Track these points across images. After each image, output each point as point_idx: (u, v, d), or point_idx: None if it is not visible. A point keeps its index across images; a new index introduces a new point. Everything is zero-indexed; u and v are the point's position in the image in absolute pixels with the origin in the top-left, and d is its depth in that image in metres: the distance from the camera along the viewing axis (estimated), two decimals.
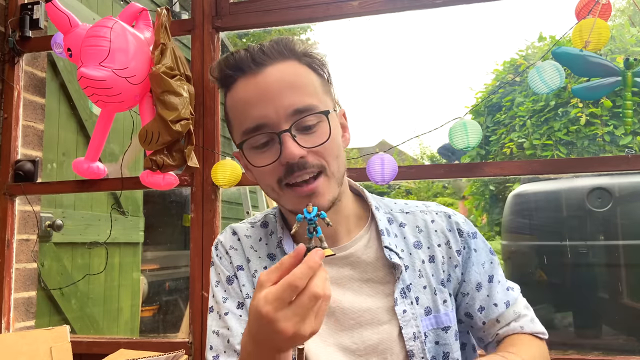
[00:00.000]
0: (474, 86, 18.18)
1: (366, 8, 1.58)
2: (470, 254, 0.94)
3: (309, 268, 0.63)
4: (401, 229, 0.95)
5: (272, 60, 0.84)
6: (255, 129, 0.82)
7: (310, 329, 0.63)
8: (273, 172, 0.83)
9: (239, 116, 0.85)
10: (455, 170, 1.60)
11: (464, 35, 31.78)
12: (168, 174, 1.59)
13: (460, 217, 0.97)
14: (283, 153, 0.80)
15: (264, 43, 0.86)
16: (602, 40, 1.31)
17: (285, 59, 0.85)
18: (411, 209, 0.98)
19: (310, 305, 0.63)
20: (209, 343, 0.94)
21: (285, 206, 0.88)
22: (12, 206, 1.86)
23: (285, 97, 0.81)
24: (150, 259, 4.87)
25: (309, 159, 0.82)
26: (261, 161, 0.83)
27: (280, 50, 0.85)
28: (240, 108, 0.84)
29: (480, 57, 24.60)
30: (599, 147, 4.54)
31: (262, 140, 0.83)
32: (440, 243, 0.93)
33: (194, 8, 1.76)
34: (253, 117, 0.82)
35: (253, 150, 0.85)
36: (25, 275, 1.91)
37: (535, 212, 3.64)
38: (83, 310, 2.82)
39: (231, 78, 0.86)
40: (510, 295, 0.96)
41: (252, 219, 1.04)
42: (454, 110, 17.34)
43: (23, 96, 1.92)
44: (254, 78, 0.83)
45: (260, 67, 0.83)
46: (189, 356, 1.63)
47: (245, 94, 0.83)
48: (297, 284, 0.62)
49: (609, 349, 3.32)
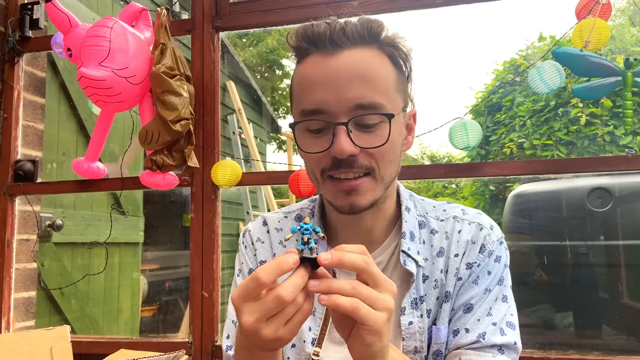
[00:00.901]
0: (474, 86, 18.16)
1: (366, 8, 1.58)
2: (480, 273, 0.84)
3: (277, 264, 0.60)
4: (431, 236, 0.88)
5: (351, 44, 0.78)
6: (312, 113, 0.78)
7: (272, 332, 0.61)
8: (320, 161, 0.80)
9: (300, 93, 0.81)
10: (455, 170, 1.60)
11: (464, 35, 31.78)
12: (168, 174, 1.59)
13: (494, 235, 0.87)
14: (333, 146, 0.76)
15: (350, 20, 0.80)
16: (602, 40, 1.31)
17: (366, 45, 0.79)
18: (447, 215, 0.90)
19: (273, 306, 0.60)
20: (227, 331, 0.92)
21: (325, 196, 0.85)
22: (12, 206, 1.86)
23: (352, 88, 0.76)
24: (150, 259, 4.87)
25: (360, 158, 0.77)
26: (310, 147, 0.79)
27: (363, 34, 0.79)
28: (304, 86, 0.80)
29: (480, 57, 24.57)
30: (599, 147, 4.54)
31: (317, 126, 0.79)
32: (458, 253, 0.85)
33: (194, 8, 1.76)
34: (313, 100, 0.77)
35: (306, 132, 0.80)
36: (25, 275, 1.91)
37: (535, 212, 3.64)
38: (83, 310, 2.82)
39: (304, 51, 0.81)
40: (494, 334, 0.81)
41: (288, 208, 0.99)
42: (454, 110, 17.33)
43: (23, 96, 1.92)
44: (326, 59, 0.78)
45: (336, 49, 0.78)
46: (189, 356, 1.63)
47: (313, 73, 0.78)
48: (261, 278, 0.60)
49: (609, 349, 3.32)
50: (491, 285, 0.85)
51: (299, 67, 0.82)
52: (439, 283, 0.85)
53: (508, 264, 0.88)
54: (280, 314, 0.61)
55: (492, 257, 0.85)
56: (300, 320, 0.62)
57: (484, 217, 0.90)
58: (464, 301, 0.84)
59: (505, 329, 0.83)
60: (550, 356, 1.41)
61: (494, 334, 0.82)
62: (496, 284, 0.85)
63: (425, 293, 0.84)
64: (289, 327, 0.62)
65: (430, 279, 0.85)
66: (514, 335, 0.83)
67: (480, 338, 0.81)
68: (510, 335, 0.82)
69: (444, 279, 0.85)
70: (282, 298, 0.60)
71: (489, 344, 0.81)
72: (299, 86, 0.82)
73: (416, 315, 0.83)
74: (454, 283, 0.84)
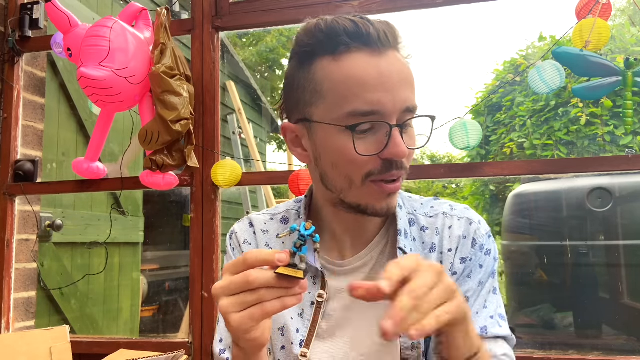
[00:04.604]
0: (474, 86, 18.16)
1: (366, 8, 1.59)
2: (473, 267, 0.86)
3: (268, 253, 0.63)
4: (421, 233, 0.89)
5: (392, 47, 0.77)
6: (368, 114, 0.74)
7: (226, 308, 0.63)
8: (366, 164, 0.76)
9: (344, 92, 0.75)
10: (455, 170, 1.60)
11: (464, 35, 31.77)
12: (168, 174, 1.59)
13: (483, 229, 0.88)
14: (391, 148, 0.75)
15: (375, 22, 0.77)
16: (602, 40, 1.31)
17: (395, 49, 0.78)
18: (436, 212, 0.90)
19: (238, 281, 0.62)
20: (219, 335, 0.92)
21: (348, 198, 0.80)
22: (12, 206, 1.86)
23: (402, 90, 0.76)
24: (150, 259, 4.87)
25: (404, 160, 0.78)
26: (359, 148, 0.75)
27: (394, 36, 0.78)
28: (351, 84, 0.75)
29: (480, 57, 24.56)
30: (599, 147, 4.54)
31: (366, 128, 0.75)
32: (451, 248, 0.86)
33: (194, 8, 1.76)
34: (368, 101, 0.74)
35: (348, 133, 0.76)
36: (25, 275, 1.91)
37: (536, 212, 3.64)
38: (83, 311, 2.82)
39: (345, 46, 0.76)
40: (494, 327, 0.83)
41: (274, 210, 0.98)
42: (454, 110, 17.33)
43: (23, 96, 1.92)
44: (377, 58, 0.75)
45: (384, 49, 0.76)
46: (189, 356, 1.63)
47: (364, 73, 0.75)
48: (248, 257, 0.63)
49: (609, 349, 3.32)
50: (484, 279, 0.86)
51: (335, 62, 0.77)
52: None
53: (497, 257, 0.90)
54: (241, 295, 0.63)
55: (483, 250, 0.87)
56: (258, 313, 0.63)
57: (471, 212, 0.91)
58: None
59: (500, 321, 0.84)
60: (550, 356, 1.41)
61: (494, 327, 0.83)
62: (489, 277, 0.87)
63: None
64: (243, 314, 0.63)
65: None
66: (507, 326, 0.85)
67: (482, 333, 0.82)
68: (504, 327, 0.84)
69: None
70: (248, 277, 0.62)
71: (491, 336, 0.82)
72: (340, 84, 0.76)
73: None
74: None
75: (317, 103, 0.79)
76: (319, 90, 0.78)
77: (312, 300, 0.86)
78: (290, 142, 0.86)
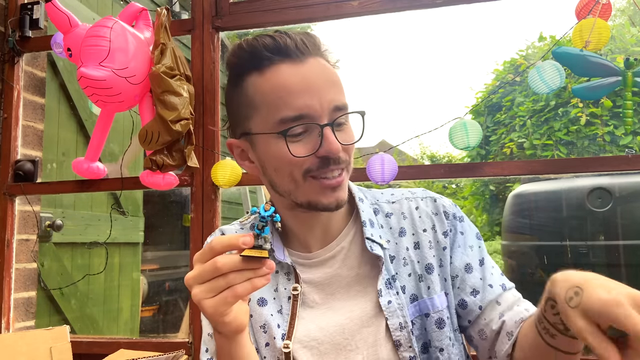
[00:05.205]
0: (474, 86, 18.17)
1: (366, 8, 1.58)
2: (457, 236, 0.92)
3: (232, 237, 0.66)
4: (387, 219, 0.94)
5: (312, 54, 0.84)
6: (297, 118, 0.80)
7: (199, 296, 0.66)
8: (302, 163, 0.82)
9: (273, 102, 0.81)
10: (455, 170, 1.60)
11: (464, 35, 31.76)
12: (168, 174, 1.59)
13: (446, 201, 0.96)
14: (325, 146, 0.80)
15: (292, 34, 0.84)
16: (602, 40, 1.31)
17: (317, 55, 0.85)
18: (397, 197, 0.97)
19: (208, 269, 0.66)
20: (204, 345, 0.94)
21: (298, 198, 0.85)
22: (12, 206, 1.86)
23: (327, 91, 0.82)
24: (150, 259, 4.87)
25: (341, 155, 0.83)
26: (294, 151, 0.81)
27: (314, 44, 0.85)
28: (278, 94, 0.81)
29: (480, 57, 24.61)
30: (599, 147, 4.54)
31: (299, 131, 0.81)
32: (426, 228, 0.92)
33: (194, 8, 1.76)
34: (296, 107, 0.80)
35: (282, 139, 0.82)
36: (25, 275, 1.91)
37: (535, 212, 3.64)
38: (83, 310, 2.82)
39: (268, 60, 0.82)
40: (506, 281, 0.92)
41: (242, 219, 1.03)
42: (454, 110, 17.35)
43: (23, 96, 1.92)
44: (298, 66, 0.82)
45: (304, 57, 0.82)
46: (189, 356, 1.63)
47: (289, 81, 0.81)
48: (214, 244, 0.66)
49: None
50: (471, 242, 0.93)
51: (262, 77, 0.83)
52: (408, 260, 0.90)
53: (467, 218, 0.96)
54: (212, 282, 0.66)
55: (456, 219, 0.94)
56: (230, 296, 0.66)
57: (428, 192, 0.99)
58: (462, 265, 0.91)
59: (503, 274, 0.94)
60: None
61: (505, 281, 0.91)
62: (475, 239, 0.94)
63: (396, 272, 0.89)
64: (216, 299, 0.66)
65: (397, 258, 0.91)
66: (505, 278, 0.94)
67: (504, 289, 0.89)
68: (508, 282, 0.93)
69: (418, 254, 0.91)
70: (216, 264, 0.65)
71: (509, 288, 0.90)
72: (268, 95, 0.82)
73: (392, 293, 0.87)
74: (434, 254, 0.91)
75: (252, 116, 0.85)
76: (251, 104, 0.84)
77: (288, 295, 0.90)
78: (238, 157, 0.93)
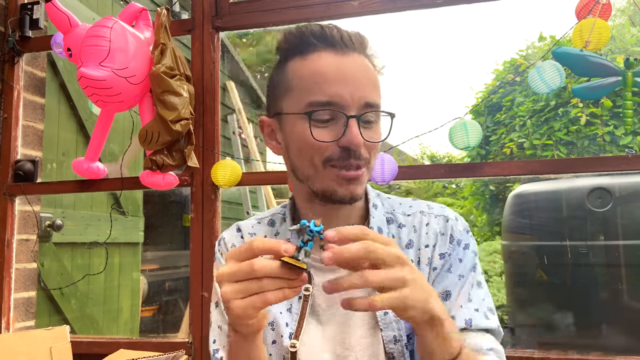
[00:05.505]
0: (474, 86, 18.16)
1: (366, 8, 1.58)
2: (452, 261, 0.89)
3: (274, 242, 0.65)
4: (399, 230, 0.93)
5: (356, 50, 0.86)
6: (326, 104, 0.82)
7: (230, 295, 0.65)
8: (324, 150, 0.83)
9: (307, 85, 0.84)
10: (455, 170, 1.60)
11: (464, 35, 31.77)
12: (168, 174, 1.59)
13: (460, 225, 0.92)
14: (348, 136, 0.81)
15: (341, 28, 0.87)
16: (602, 40, 1.31)
17: (362, 54, 0.87)
18: (413, 210, 0.95)
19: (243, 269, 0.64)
20: (212, 336, 0.95)
21: (315, 184, 0.86)
22: (12, 206, 1.86)
23: (362, 86, 0.83)
24: (150, 259, 4.87)
25: (362, 151, 0.83)
26: (317, 135, 0.83)
27: (361, 43, 0.87)
28: (314, 78, 0.83)
29: (480, 57, 24.57)
30: (599, 147, 4.54)
31: (326, 117, 0.83)
32: (429, 244, 0.90)
33: (194, 8, 1.76)
34: (327, 93, 0.82)
35: (309, 122, 0.83)
36: (25, 275, 1.91)
37: (535, 212, 3.64)
38: (83, 310, 2.82)
39: (312, 46, 0.85)
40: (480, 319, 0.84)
41: (260, 215, 1.03)
42: (454, 110, 17.33)
43: (23, 96, 1.92)
44: (339, 56, 0.84)
45: (347, 50, 0.85)
46: (189, 356, 1.63)
47: (326, 68, 0.83)
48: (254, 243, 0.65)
49: (609, 349, 3.32)
50: (464, 272, 0.89)
51: (302, 61, 0.86)
52: None
53: (477, 251, 0.93)
54: (244, 283, 0.64)
55: (460, 245, 0.90)
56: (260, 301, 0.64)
57: (448, 210, 0.95)
58: (441, 290, 0.87)
59: (487, 314, 0.87)
60: (550, 356, 1.41)
61: (480, 319, 0.85)
62: (470, 271, 0.89)
63: None
64: (245, 301, 0.64)
65: None
66: (495, 320, 0.87)
67: (467, 325, 0.84)
68: (492, 320, 0.86)
69: None
70: (253, 266, 0.64)
71: (476, 328, 0.84)
72: (303, 79, 0.85)
73: None
74: (427, 272, 0.89)
75: (286, 97, 0.88)
76: (288, 85, 0.87)
77: (299, 295, 0.89)
78: (267, 136, 0.94)
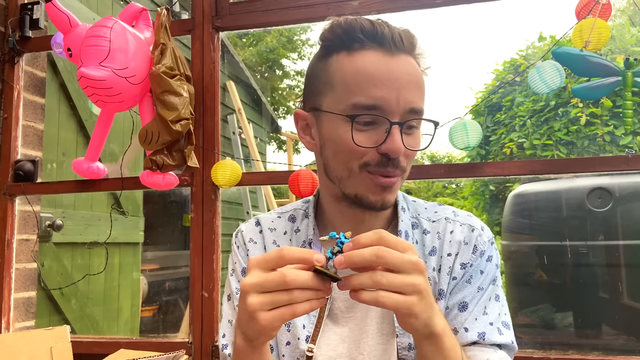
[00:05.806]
0: (474, 86, 18.16)
1: (366, 8, 1.58)
2: (473, 273, 0.86)
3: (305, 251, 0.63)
4: (423, 236, 0.90)
5: (406, 51, 0.81)
6: (371, 107, 0.78)
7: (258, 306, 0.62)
8: (363, 155, 0.79)
9: (352, 85, 0.79)
10: (455, 170, 1.60)
11: (464, 35, 31.79)
12: (168, 174, 1.59)
13: (485, 236, 0.89)
14: (389, 144, 0.78)
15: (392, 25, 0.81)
16: (602, 40, 1.31)
17: (411, 55, 0.82)
18: (439, 216, 0.92)
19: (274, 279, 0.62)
20: (222, 330, 0.93)
21: (347, 188, 0.83)
22: (12, 206, 1.86)
23: (409, 91, 0.79)
24: (150, 259, 4.87)
25: (401, 159, 0.80)
26: (358, 140, 0.78)
27: (411, 43, 0.82)
28: (360, 79, 0.79)
29: (480, 57, 24.63)
30: (599, 147, 4.54)
31: (367, 120, 0.79)
32: (451, 253, 0.87)
33: (194, 8, 1.76)
34: (372, 96, 0.77)
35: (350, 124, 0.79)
36: (25, 275, 1.91)
37: (535, 212, 3.64)
38: (83, 310, 2.82)
39: (360, 43, 0.80)
40: (493, 334, 0.83)
41: (281, 209, 1.00)
42: (454, 110, 17.33)
43: (23, 96, 1.92)
44: (387, 58, 0.79)
45: (396, 51, 0.80)
46: (189, 356, 1.63)
47: (374, 68, 0.78)
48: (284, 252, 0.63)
49: (609, 349, 3.32)
50: (484, 284, 0.86)
51: (348, 57, 0.81)
52: (432, 281, 0.86)
53: (499, 264, 0.90)
54: (273, 294, 0.62)
55: (484, 257, 0.87)
56: (288, 314, 0.62)
57: (474, 219, 0.92)
58: (458, 300, 0.85)
59: (502, 329, 0.84)
60: (550, 356, 1.41)
61: (493, 334, 0.83)
62: (489, 284, 0.87)
63: None
64: (273, 313, 0.62)
65: None
66: (510, 335, 0.85)
67: (480, 338, 0.82)
68: (507, 335, 0.84)
69: (437, 277, 0.86)
70: (285, 277, 0.61)
71: (488, 342, 0.82)
72: (348, 76, 0.80)
73: None
74: (447, 281, 0.86)
75: (327, 93, 0.83)
76: (330, 81, 0.82)
77: None
78: (301, 130, 0.90)
